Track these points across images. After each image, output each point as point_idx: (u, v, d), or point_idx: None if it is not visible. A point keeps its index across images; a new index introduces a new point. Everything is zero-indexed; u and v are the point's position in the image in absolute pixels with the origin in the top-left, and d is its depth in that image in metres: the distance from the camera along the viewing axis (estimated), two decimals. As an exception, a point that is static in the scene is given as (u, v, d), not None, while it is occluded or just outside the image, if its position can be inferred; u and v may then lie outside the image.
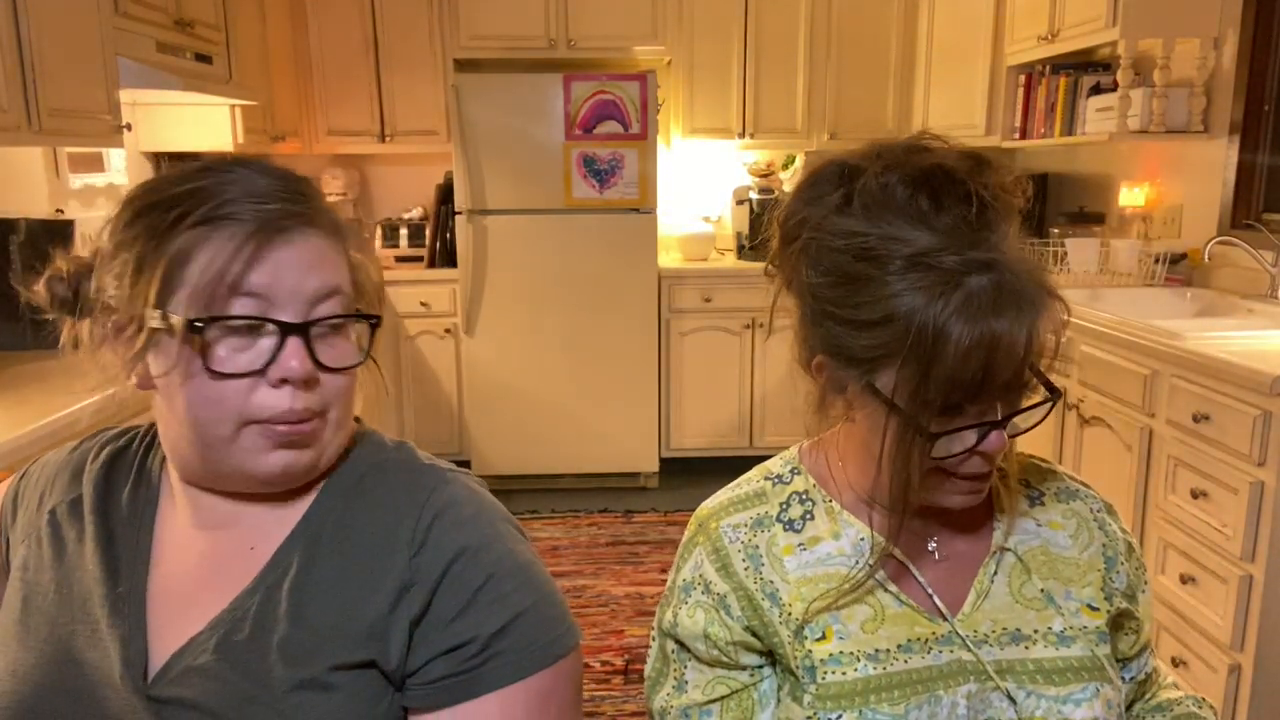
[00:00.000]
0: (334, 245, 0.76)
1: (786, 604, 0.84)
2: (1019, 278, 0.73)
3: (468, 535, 0.76)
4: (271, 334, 0.72)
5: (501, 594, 0.75)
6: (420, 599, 0.74)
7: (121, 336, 0.74)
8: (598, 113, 3.70)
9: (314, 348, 0.73)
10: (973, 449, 0.76)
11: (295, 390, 0.72)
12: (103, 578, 0.79)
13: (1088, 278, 3.13)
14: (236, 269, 0.70)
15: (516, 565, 0.77)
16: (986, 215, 0.74)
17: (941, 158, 0.77)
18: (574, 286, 3.84)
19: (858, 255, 0.76)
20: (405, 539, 0.76)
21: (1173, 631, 2.18)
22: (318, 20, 3.96)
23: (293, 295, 0.72)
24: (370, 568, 0.76)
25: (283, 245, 0.72)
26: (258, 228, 0.71)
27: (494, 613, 0.74)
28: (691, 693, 0.89)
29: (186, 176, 0.74)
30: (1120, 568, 0.89)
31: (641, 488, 4.04)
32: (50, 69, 2.16)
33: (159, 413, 0.77)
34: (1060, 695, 0.81)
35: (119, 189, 3.14)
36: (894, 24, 4.06)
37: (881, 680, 0.81)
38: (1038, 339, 0.74)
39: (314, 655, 0.73)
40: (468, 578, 0.75)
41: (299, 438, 0.74)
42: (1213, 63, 2.87)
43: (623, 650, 2.68)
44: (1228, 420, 1.96)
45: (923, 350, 0.72)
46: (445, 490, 0.80)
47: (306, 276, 0.73)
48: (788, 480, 0.91)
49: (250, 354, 0.71)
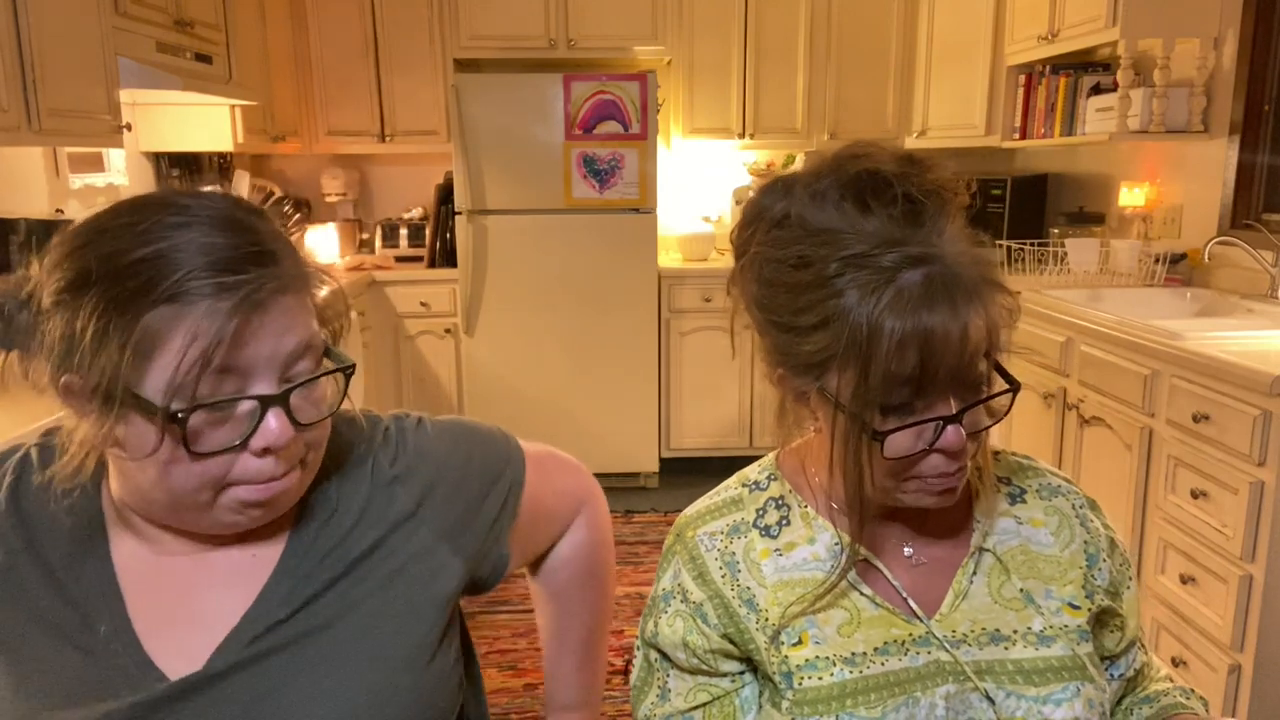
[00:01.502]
0: (302, 299, 0.73)
1: (763, 609, 0.85)
2: (953, 271, 0.73)
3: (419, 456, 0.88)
4: (250, 407, 0.69)
5: (472, 471, 0.91)
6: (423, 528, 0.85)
7: (80, 398, 0.70)
8: (598, 113, 3.70)
9: (292, 411, 0.71)
10: (930, 447, 0.76)
11: (277, 456, 0.71)
12: (71, 627, 0.75)
13: (1088, 278, 3.13)
14: (219, 356, 0.66)
15: (457, 448, 0.92)
16: (918, 213, 0.75)
17: (873, 162, 0.78)
18: (574, 286, 3.84)
19: (795, 264, 0.77)
20: (384, 480, 0.85)
21: (1173, 631, 2.18)
22: (318, 20, 3.96)
23: (269, 364, 0.70)
24: (368, 520, 0.83)
25: (259, 318, 0.68)
26: (234, 305, 0.66)
27: (482, 487, 0.91)
28: (674, 700, 0.90)
29: (135, 233, 0.68)
30: (1102, 564, 0.89)
31: (641, 488, 4.04)
32: (50, 69, 2.16)
33: (120, 468, 0.74)
34: (1040, 695, 0.81)
35: (119, 189, 3.15)
36: (894, 24, 4.06)
37: (859, 684, 0.81)
38: (977, 331, 0.73)
39: None
40: (445, 482, 0.88)
41: (280, 493, 0.74)
42: (1213, 63, 2.87)
43: (622, 650, 2.68)
44: (1228, 420, 1.96)
45: (859, 348, 0.73)
46: (389, 432, 0.89)
47: (281, 342, 0.70)
48: (764, 486, 0.91)
49: (228, 428, 0.69)
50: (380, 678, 0.78)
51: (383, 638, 0.80)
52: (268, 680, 0.76)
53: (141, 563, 0.78)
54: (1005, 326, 0.77)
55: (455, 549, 0.86)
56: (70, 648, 0.74)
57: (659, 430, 3.99)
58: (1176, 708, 0.92)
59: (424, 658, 0.81)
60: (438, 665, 0.83)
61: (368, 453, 0.85)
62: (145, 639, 0.76)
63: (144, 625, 0.76)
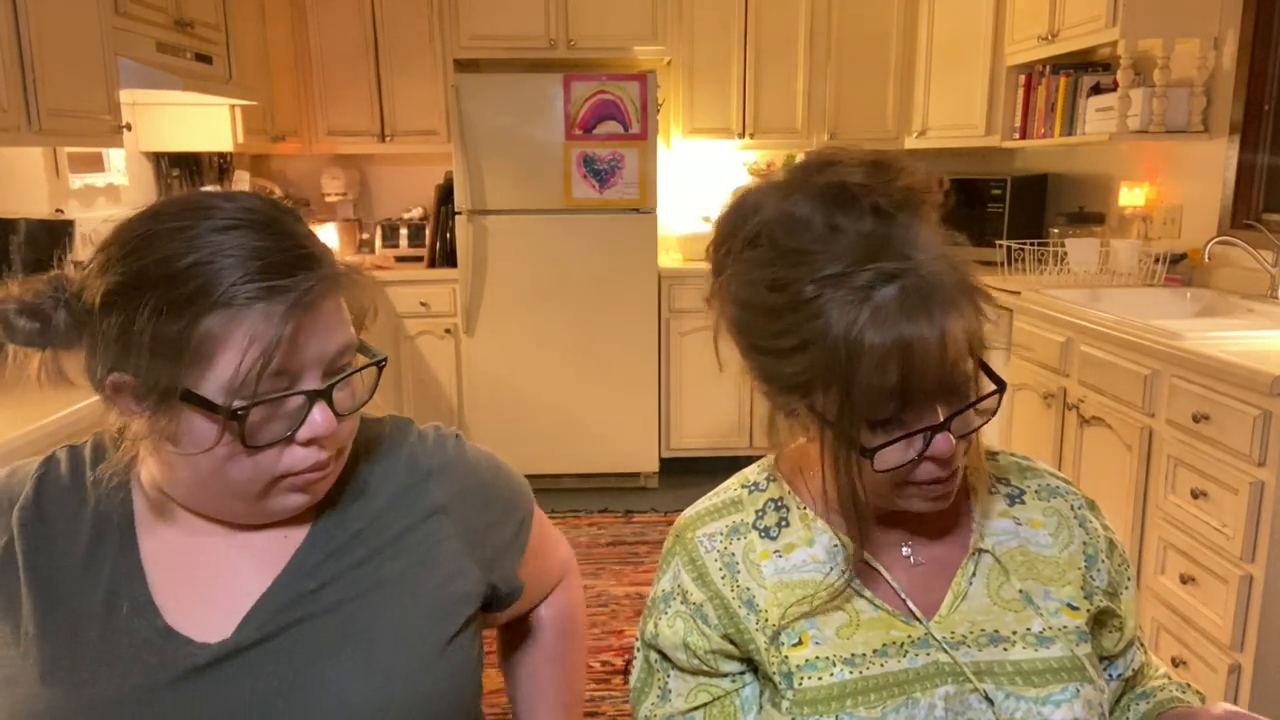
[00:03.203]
0: (340, 299, 0.78)
1: (763, 610, 0.85)
2: (928, 280, 0.72)
3: (449, 462, 0.92)
4: (299, 401, 0.74)
5: (499, 492, 0.96)
6: (449, 522, 0.88)
7: (129, 397, 0.73)
8: (598, 113, 3.70)
9: (334, 403, 0.76)
10: (921, 455, 0.76)
11: (321, 445, 0.76)
12: (95, 610, 0.77)
13: (1088, 278, 3.13)
14: (278, 357, 0.71)
15: (490, 466, 0.97)
16: (889, 223, 0.74)
17: (842, 173, 0.77)
18: (574, 286, 3.84)
19: (770, 286, 0.76)
20: (421, 474, 0.89)
21: (1173, 631, 2.18)
22: (318, 20, 3.96)
23: (317, 362, 0.75)
24: (399, 508, 0.86)
25: (310, 320, 0.73)
26: (288, 309, 0.71)
27: (503, 511, 0.95)
28: (675, 701, 0.90)
29: (185, 238, 0.70)
30: (1101, 565, 0.89)
31: (641, 488, 4.04)
32: (50, 69, 2.16)
33: (167, 460, 0.77)
34: (1040, 696, 0.81)
35: (119, 189, 3.15)
36: (894, 24, 4.06)
37: (858, 684, 0.81)
38: (956, 337, 0.73)
39: None
40: (474, 491, 0.92)
41: (320, 479, 0.79)
42: (1213, 63, 2.87)
43: (623, 650, 2.68)
44: (1228, 420, 1.96)
45: (841, 368, 0.73)
46: (423, 432, 0.94)
47: (327, 341, 0.75)
48: (763, 487, 0.91)
49: (279, 421, 0.74)
50: (413, 653, 0.81)
51: (413, 617, 0.82)
52: (302, 652, 0.78)
53: (170, 545, 0.81)
54: (987, 324, 0.77)
55: (475, 557, 0.89)
56: (94, 629, 0.76)
57: (659, 430, 3.99)
58: (1173, 702, 0.92)
59: (449, 642, 0.84)
60: (463, 653, 0.85)
61: (402, 444, 0.90)
62: (167, 611, 0.78)
63: (166, 599, 0.78)
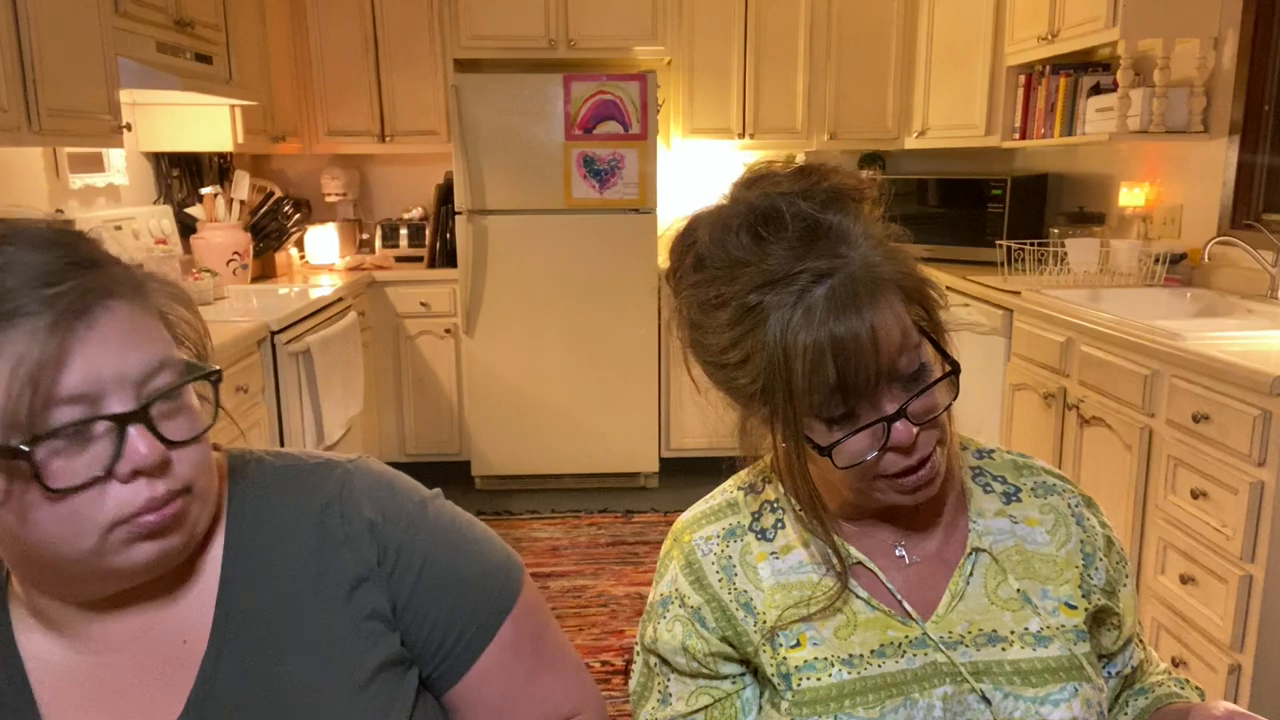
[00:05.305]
0: (141, 309, 0.67)
1: (761, 612, 0.85)
2: (856, 276, 0.74)
3: (387, 518, 0.78)
4: (107, 429, 0.63)
5: (442, 577, 0.79)
6: (374, 592, 0.76)
7: None
8: (598, 113, 3.70)
9: (158, 428, 0.65)
10: (884, 447, 0.77)
11: (150, 479, 0.65)
12: None
13: (1088, 278, 3.13)
14: (47, 379, 0.60)
15: (444, 535, 0.81)
16: (815, 230, 0.76)
17: (768, 184, 0.80)
18: (574, 286, 3.84)
19: (715, 304, 0.79)
20: (335, 541, 0.76)
21: (1173, 631, 2.18)
22: (318, 20, 3.96)
23: (118, 382, 0.63)
24: (311, 589, 0.75)
25: (86, 330, 0.62)
26: (54, 318, 0.61)
27: (441, 598, 0.79)
28: (675, 704, 0.90)
29: None
30: (1099, 563, 0.89)
31: (641, 488, 4.04)
32: (50, 69, 2.16)
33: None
34: (1038, 696, 0.81)
35: (119, 189, 3.15)
36: (894, 24, 4.07)
37: (857, 685, 0.81)
38: (888, 328, 0.74)
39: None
40: (405, 565, 0.78)
41: (167, 523, 0.67)
42: (1213, 63, 2.87)
43: (622, 650, 2.68)
44: (1228, 420, 1.96)
45: (780, 371, 0.75)
46: (348, 482, 0.79)
47: (125, 356, 0.64)
48: (760, 490, 0.92)
49: (88, 457, 0.63)
50: None
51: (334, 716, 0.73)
52: None
53: (56, 667, 0.71)
54: (937, 309, 0.79)
55: (393, 625, 0.78)
56: None
57: (659, 430, 3.99)
58: (1171, 697, 0.92)
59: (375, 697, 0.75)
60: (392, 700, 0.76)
61: (315, 495, 0.78)
62: None
63: None
